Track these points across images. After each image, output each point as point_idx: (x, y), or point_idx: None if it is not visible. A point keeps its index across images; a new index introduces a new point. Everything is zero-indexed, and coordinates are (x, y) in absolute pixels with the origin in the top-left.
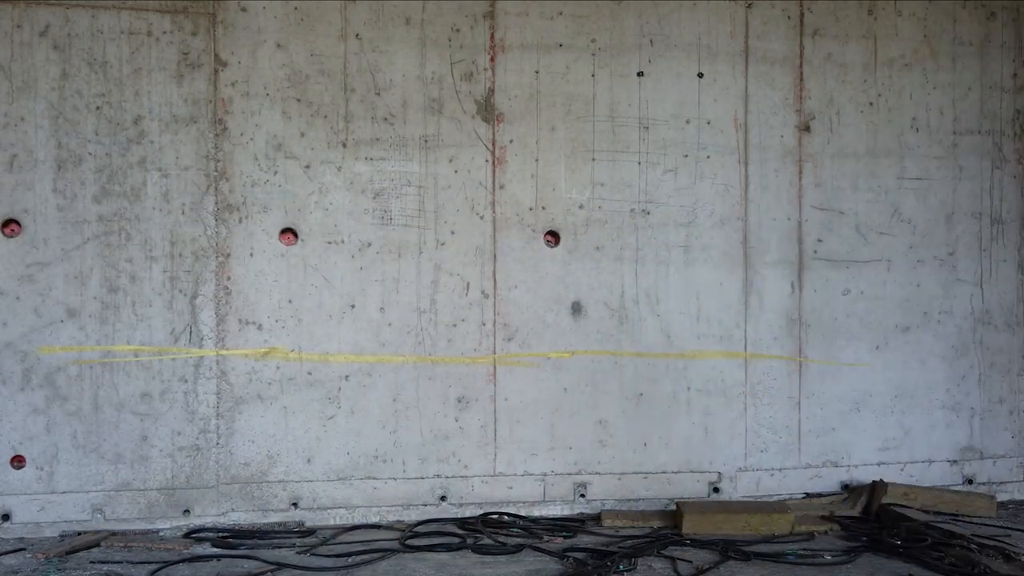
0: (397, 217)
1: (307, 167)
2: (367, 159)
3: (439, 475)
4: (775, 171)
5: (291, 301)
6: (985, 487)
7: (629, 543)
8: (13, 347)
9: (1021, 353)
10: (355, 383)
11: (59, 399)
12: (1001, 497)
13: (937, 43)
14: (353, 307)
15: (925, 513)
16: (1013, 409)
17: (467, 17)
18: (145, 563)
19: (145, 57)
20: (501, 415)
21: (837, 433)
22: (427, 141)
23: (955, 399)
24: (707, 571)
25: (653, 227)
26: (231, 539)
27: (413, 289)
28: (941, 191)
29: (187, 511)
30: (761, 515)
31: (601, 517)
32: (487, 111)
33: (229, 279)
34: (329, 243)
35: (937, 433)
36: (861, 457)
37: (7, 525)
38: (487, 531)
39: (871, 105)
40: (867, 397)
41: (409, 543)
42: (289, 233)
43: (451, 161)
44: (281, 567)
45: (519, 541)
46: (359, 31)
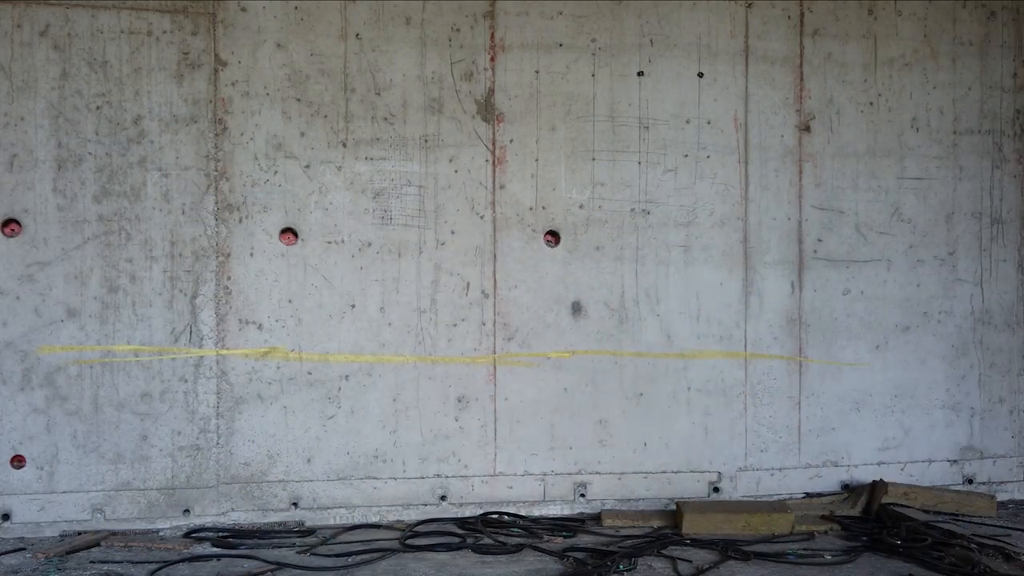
0: (397, 217)
1: (307, 167)
2: (367, 159)
3: (439, 475)
4: (775, 171)
5: (291, 301)
6: (985, 487)
7: (629, 543)
8: (13, 347)
9: (1021, 353)
10: (355, 383)
11: (59, 399)
12: (1001, 497)
13: (937, 43)
14: (353, 307)
15: (925, 513)
16: (1013, 409)
17: (467, 17)
18: (145, 563)
19: (145, 57)
20: (501, 415)
21: (837, 433)
22: (427, 141)
23: (955, 399)
24: (707, 571)
25: (653, 227)
26: (231, 539)
27: (413, 289)
28: (941, 191)
29: (187, 511)
30: (761, 515)
31: (601, 517)
32: (487, 111)
33: (229, 279)
34: (329, 243)
35: (937, 433)
36: (861, 457)
37: (7, 525)
38: (487, 531)
39: (871, 105)
40: (867, 397)
41: (409, 543)
42: (289, 233)
43: (451, 161)
44: (281, 567)
45: (519, 541)
46: (359, 31)
